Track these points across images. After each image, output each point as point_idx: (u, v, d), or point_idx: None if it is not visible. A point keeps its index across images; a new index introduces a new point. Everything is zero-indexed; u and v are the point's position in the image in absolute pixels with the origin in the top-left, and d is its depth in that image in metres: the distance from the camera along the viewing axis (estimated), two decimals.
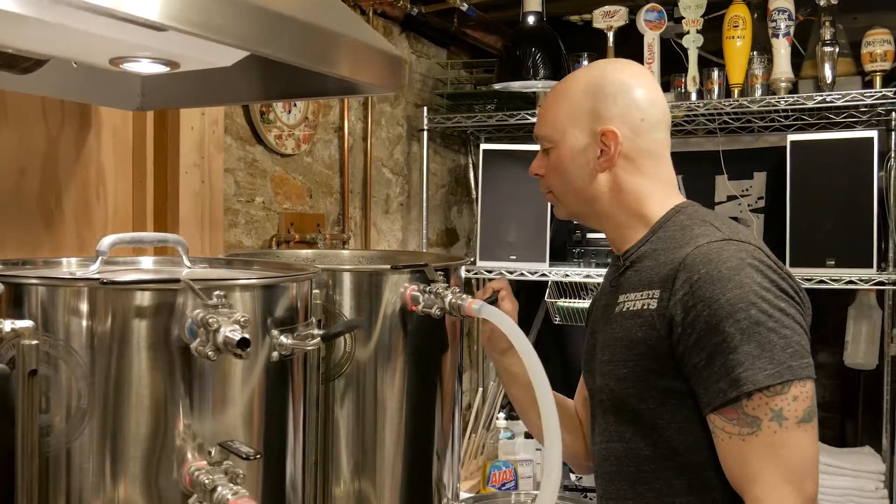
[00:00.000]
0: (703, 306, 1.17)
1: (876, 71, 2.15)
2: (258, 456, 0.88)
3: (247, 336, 0.83)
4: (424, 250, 2.74)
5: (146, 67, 1.06)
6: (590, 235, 2.59)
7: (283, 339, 1.01)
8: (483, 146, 2.67)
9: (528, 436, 2.76)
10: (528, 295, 2.89)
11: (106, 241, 1.06)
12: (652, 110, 1.33)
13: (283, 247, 2.08)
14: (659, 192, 1.35)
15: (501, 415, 2.75)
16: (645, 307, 1.26)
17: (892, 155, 2.48)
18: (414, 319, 1.35)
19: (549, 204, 2.74)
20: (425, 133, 2.70)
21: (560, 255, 2.75)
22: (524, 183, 2.67)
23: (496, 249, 2.65)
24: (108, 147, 1.67)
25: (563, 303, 2.54)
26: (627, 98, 1.32)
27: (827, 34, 2.16)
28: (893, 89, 2.12)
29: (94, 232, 1.64)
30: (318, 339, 1.02)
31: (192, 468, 0.90)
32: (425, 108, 2.71)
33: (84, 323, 0.87)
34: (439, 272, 1.33)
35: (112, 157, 1.68)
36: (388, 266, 1.28)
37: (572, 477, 2.60)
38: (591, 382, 1.41)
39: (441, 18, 2.71)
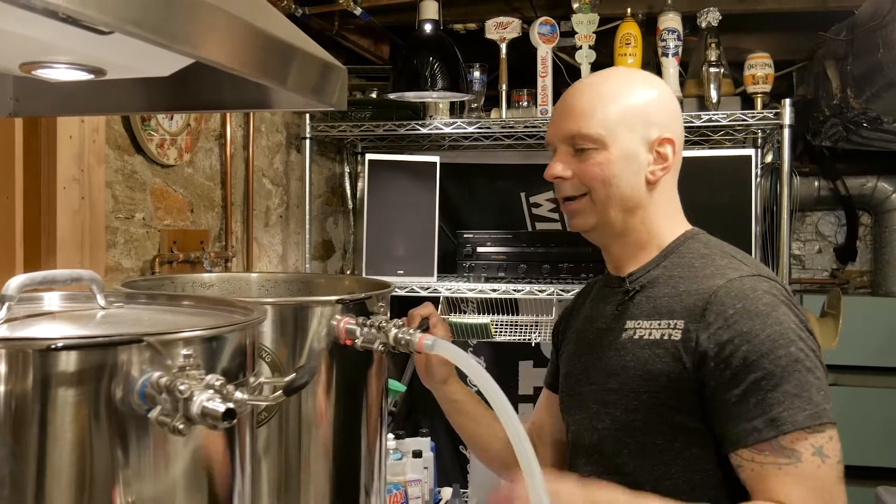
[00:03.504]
0: (740, 341, 1.14)
1: (758, 93, 2.25)
2: None
3: (232, 406, 0.69)
4: (307, 265, 2.59)
5: (64, 74, 0.88)
6: (480, 249, 2.54)
7: (238, 394, 0.87)
8: (369, 156, 2.56)
9: (416, 455, 2.68)
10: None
11: (13, 284, 0.88)
12: (682, 124, 1.31)
13: (165, 268, 1.88)
14: (675, 212, 1.32)
15: (391, 436, 2.65)
16: (665, 337, 1.20)
17: (759, 172, 2.62)
18: (342, 353, 1.25)
19: (437, 215, 2.71)
20: (308, 142, 2.55)
21: (447, 268, 2.68)
22: (411, 194, 2.58)
23: (383, 264, 2.55)
24: None
25: (455, 318, 2.48)
26: (674, 108, 1.30)
27: (712, 55, 2.23)
28: (774, 110, 2.22)
29: None
30: (281, 392, 0.89)
31: None
32: (307, 116, 2.56)
33: (12, 391, 0.70)
34: (357, 302, 1.24)
35: None
36: (335, 298, 1.16)
37: None
38: (575, 406, 1.34)
39: (324, 20, 2.57)
